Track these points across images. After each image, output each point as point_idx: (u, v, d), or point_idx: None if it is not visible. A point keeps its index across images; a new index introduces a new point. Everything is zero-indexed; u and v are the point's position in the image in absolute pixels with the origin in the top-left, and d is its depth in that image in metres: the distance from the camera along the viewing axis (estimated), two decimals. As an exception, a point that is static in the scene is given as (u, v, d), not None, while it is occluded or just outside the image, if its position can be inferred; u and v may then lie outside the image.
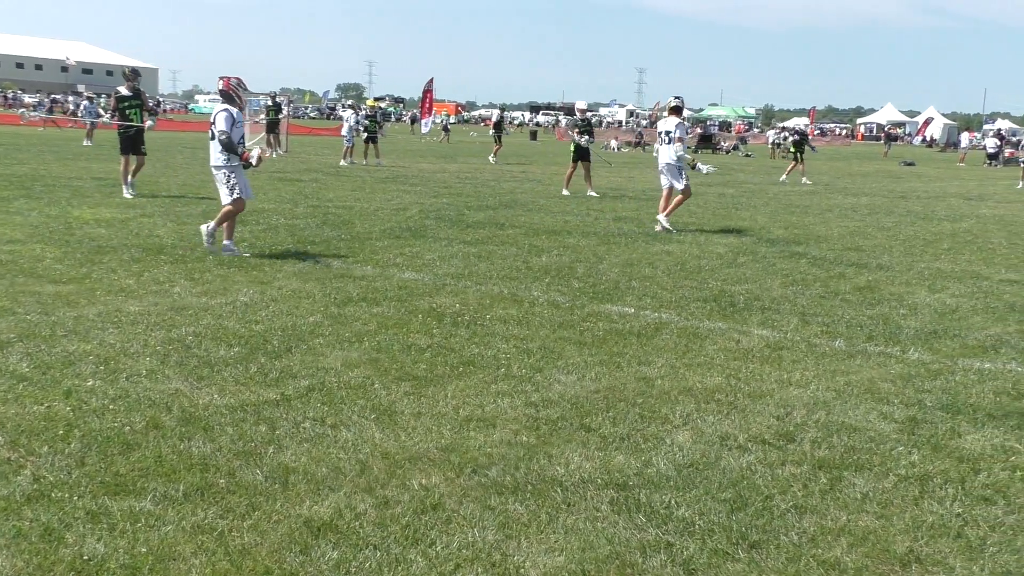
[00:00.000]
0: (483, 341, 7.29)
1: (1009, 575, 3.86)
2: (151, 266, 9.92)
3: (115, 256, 10.43)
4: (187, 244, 11.51)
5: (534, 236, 13.65)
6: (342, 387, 6.00)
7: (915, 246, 14.24)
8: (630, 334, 7.69)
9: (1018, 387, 6.53)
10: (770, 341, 7.62)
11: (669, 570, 3.80)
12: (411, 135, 61.59)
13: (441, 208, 17.23)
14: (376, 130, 31.55)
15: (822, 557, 3.94)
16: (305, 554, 3.82)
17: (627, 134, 65.39)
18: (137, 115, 17.26)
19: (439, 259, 11.19)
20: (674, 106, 15.47)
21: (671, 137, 14.95)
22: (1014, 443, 5.40)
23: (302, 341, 7.08)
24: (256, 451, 4.88)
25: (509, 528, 4.12)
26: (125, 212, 14.55)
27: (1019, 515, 4.44)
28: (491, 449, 5.03)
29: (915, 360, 7.19)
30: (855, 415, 5.82)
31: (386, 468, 4.73)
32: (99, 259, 10.19)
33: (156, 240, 11.79)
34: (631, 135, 63.14)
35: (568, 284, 9.84)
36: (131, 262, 10.09)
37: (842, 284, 10.48)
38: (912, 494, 4.65)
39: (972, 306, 9.43)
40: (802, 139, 31.64)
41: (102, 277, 9.20)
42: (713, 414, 5.74)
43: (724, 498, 4.50)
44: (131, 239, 11.77)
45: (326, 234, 12.95)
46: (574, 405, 5.81)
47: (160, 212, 14.72)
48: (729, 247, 13.26)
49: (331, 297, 8.65)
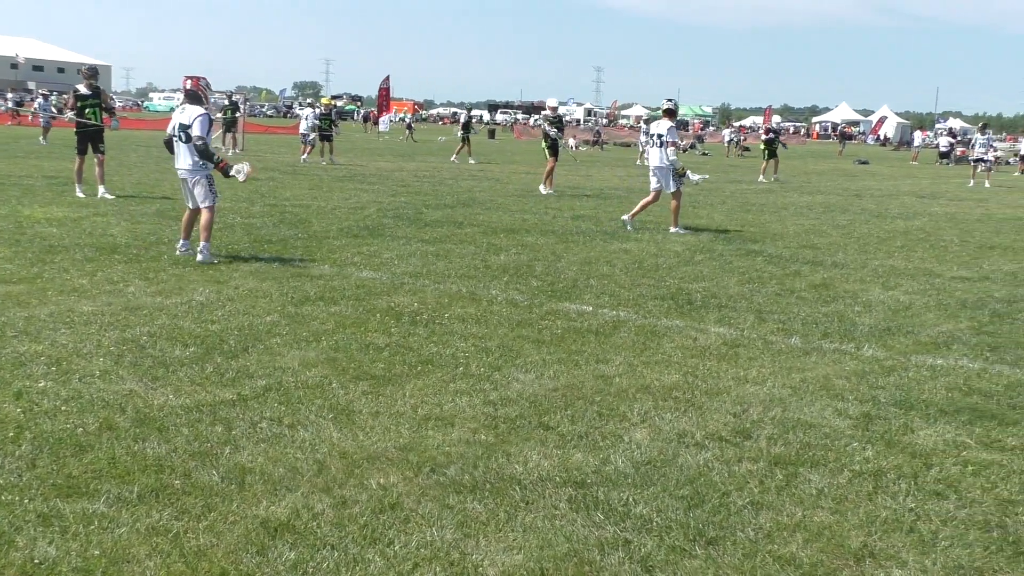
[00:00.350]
0: (441, 340, 7.28)
1: (961, 569, 3.91)
2: (104, 266, 9.79)
3: (67, 255, 10.29)
4: (141, 243, 11.39)
5: (492, 235, 13.65)
6: (299, 387, 5.97)
7: (869, 244, 14.40)
8: (588, 332, 7.71)
9: (969, 383, 6.63)
10: (727, 339, 7.67)
11: (627, 567, 3.81)
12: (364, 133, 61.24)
13: (399, 207, 17.18)
14: (330, 129, 31.38)
15: (778, 553, 3.98)
16: (262, 555, 3.79)
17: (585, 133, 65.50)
18: (95, 114, 16.86)
19: (397, 258, 11.15)
20: (667, 109, 15.48)
21: (663, 140, 14.91)
22: (965, 438, 5.48)
23: (259, 341, 7.03)
24: (212, 452, 4.84)
25: (467, 527, 4.11)
26: (77, 211, 14.36)
27: (970, 509, 4.50)
28: (449, 448, 5.02)
29: (869, 357, 7.27)
30: (811, 412, 5.87)
31: (344, 468, 4.71)
32: (50, 259, 10.05)
33: (110, 239, 11.65)
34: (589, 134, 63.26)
35: (526, 282, 9.85)
36: (84, 261, 9.96)
37: (798, 282, 10.57)
38: (866, 489, 4.70)
39: (925, 303, 9.55)
40: (775, 137, 31.85)
41: (54, 277, 9.07)
42: (671, 411, 5.77)
43: (681, 495, 4.53)
44: (84, 238, 11.62)
45: (283, 233, 12.87)
46: (532, 403, 5.82)
47: (114, 211, 14.54)
48: (686, 245, 13.33)
49: (288, 296, 8.59)
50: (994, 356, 7.41)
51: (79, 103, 16.83)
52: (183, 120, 10.50)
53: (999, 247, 14.58)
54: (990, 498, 4.64)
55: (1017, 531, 4.28)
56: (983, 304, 9.57)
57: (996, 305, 9.54)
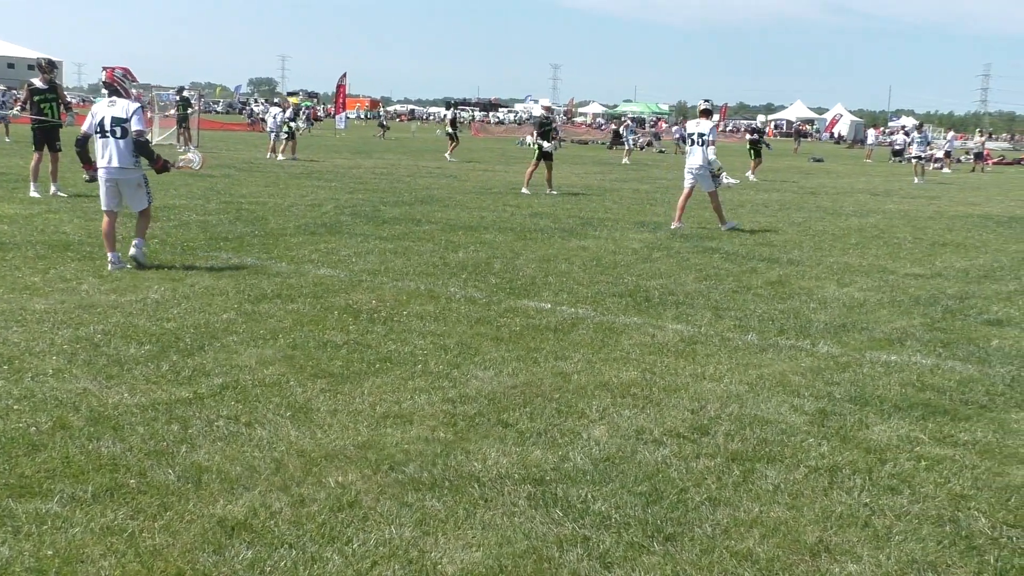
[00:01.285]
0: (400, 337, 7.25)
1: (914, 563, 3.96)
2: (57, 263, 9.66)
3: (19, 253, 10.14)
4: (95, 241, 11.23)
5: (451, 232, 13.62)
6: (257, 385, 5.92)
7: (824, 241, 14.54)
8: (547, 329, 7.72)
9: (923, 379, 6.71)
10: (684, 335, 7.72)
11: (586, 564, 3.82)
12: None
13: (357, 204, 17.10)
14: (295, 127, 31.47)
15: (735, 548, 4.01)
16: (219, 554, 3.76)
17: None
18: (52, 109, 16.29)
19: (355, 255, 11.10)
20: (704, 109, 15.71)
21: (704, 140, 15.07)
22: (919, 434, 5.55)
23: (215, 339, 6.97)
24: (168, 450, 4.79)
25: (426, 524, 4.10)
26: (29, 208, 14.15)
27: (924, 504, 4.56)
28: (408, 446, 5.01)
29: (824, 353, 7.34)
30: (767, 408, 5.92)
31: (302, 466, 4.68)
32: (1, 256, 9.90)
33: (62, 237, 11.49)
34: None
35: (485, 280, 9.84)
36: (36, 259, 9.82)
37: (754, 279, 10.66)
38: (822, 485, 4.75)
39: (879, 300, 9.66)
40: (759, 137, 32.06)
41: (5, 274, 8.93)
42: (629, 408, 5.80)
43: (640, 491, 4.55)
44: (36, 235, 11.45)
45: (239, 230, 12.76)
46: (491, 401, 5.82)
47: (67, 208, 14.35)
48: (644, 243, 13.39)
49: (245, 294, 8.52)
50: (946, 352, 7.52)
51: (34, 97, 16.24)
52: (116, 114, 9.52)
53: (951, 244, 14.78)
54: (943, 493, 4.70)
55: (969, 525, 4.34)
56: (936, 301, 9.70)
57: (948, 302, 9.67)
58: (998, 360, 7.31)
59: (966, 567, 3.95)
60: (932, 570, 3.91)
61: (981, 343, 7.86)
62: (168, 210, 14.55)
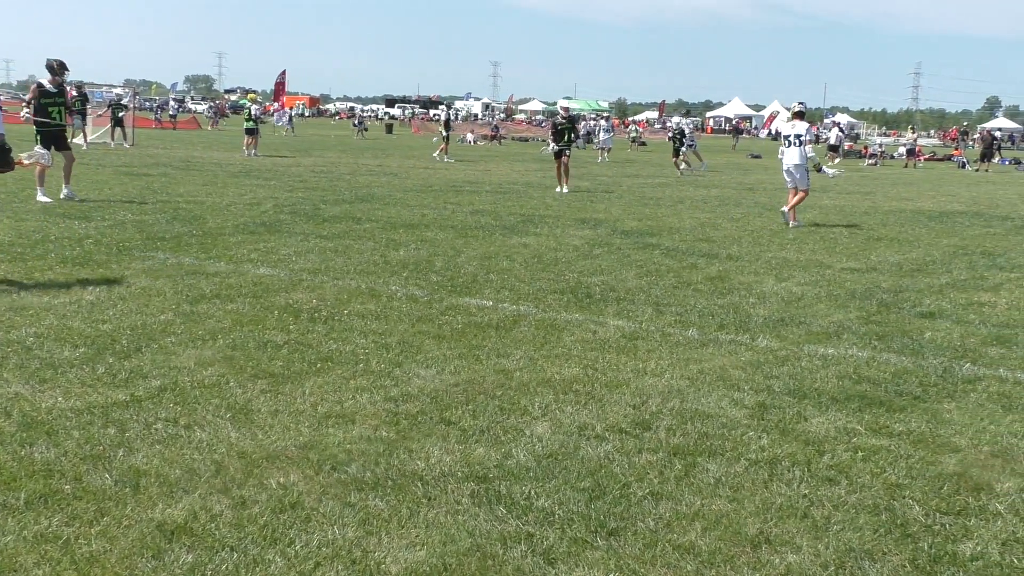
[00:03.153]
0: (341, 337, 7.21)
1: (852, 552, 4.03)
2: (-12, 264, 9.45)
3: (-52, 254, 9.90)
4: (27, 241, 11.02)
5: (391, 230, 13.57)
6: (196, 386, 5.85)
7: (763, 236, 14.72)
8: (489, 327, 7.72)
9: (859, 371, 6.82)
10: (626, 331, 7.76)
11: (529, 560, 3.83)
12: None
13: (296, 202, 16.96)
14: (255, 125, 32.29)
15: (677, 542, 4.04)
16: (158, 559, 3.70)
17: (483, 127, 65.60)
18: (59, 113, 15.71)
19: (295, 254, 11.01)
20: (798, 111, 16.79)
21: (801, 140, 16.18)
22: (855, 425, 5.64)
23: (153, 340, 6.87)
24: (105, 455, 4.71)
25: (369, 524, 4.08)
26: (-41, 208, 13.83)
27: (860, 494, 4.64)
28: (350, 445, 4.98)
29: (764, 347, 7.43)
30: (708, 402, 5.98)
31: (243, 468, 4.63)
32: (-69, 258, 9.66)
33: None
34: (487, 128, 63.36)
35: (426, 278, 9.82)
36: (-34, 260, 9.60)
37: (694, 274, 10.75)
38: (762, 477, 4.80)
39: (816, 294, 9.80)
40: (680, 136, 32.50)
41: (-66, 277, 8.72)
42: (571, 404, 5.82)
43: (583, 487, 4.57)
44: (-34, 236, 11.19)
45: (177, 230, 12.59)
46: (434, 399, 5.80)
47: (-3, 208, 14.04)
48: (585, 239, 13.45)
49: (183, 294, 8.41)
50: (881, 345, 7.65)
51: (43, 100, 15.53)
52: None
53: (885, 239, 15.04)
54: (879, 482, 4.79)
55: (904, 514, 4.42)
56: (871, 294, 9.86)
57: (883, 295, 9.84)
58: (931, 352, 7.46)
59: (901, 554, 4.02)
60: (869, 558, 3.97)
61: (914, 335, 8.00)
62: (103, 209, 14.32)
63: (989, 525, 4.34)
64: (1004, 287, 10.64)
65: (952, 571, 3.90)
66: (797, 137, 16.26)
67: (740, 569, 3.84)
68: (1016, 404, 6.18)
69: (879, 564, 3.93)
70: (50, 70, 15.80)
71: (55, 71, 15.78)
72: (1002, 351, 7.58)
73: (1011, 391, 6.47)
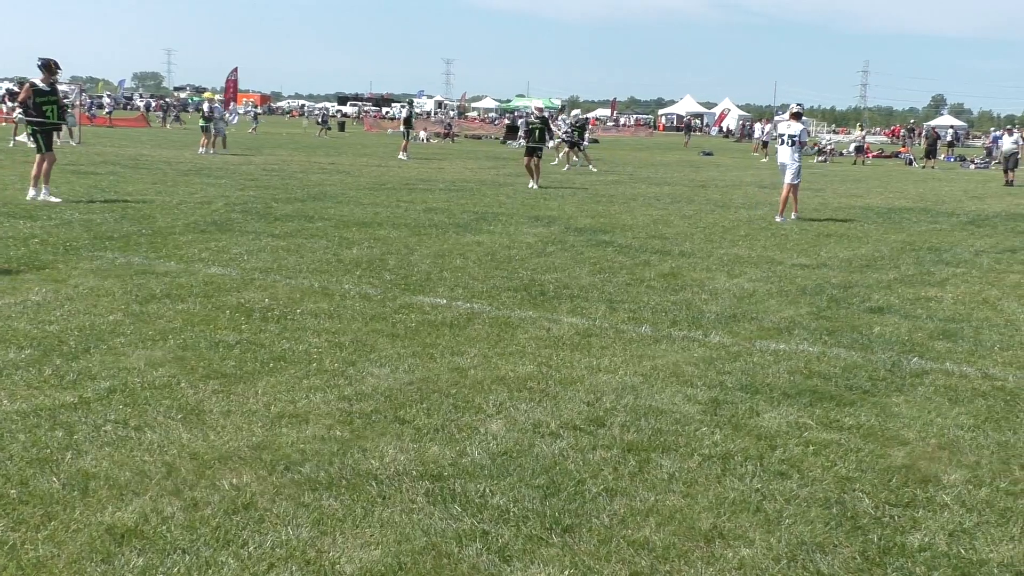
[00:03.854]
0: (294, 336, 7.16)
1: (804, 545, 4.07)
2: (-69, 265, 9.27)
3: None
4: (-28, 241, 10.82)
5: (344, 228, 13.50)
6: (146, 387, 5.78)
7: (715, 233, 14.83)
8: (443, 325, 7.71)
9: (810, 366, 6.90)
10: (579, 328, 7.78)
11: (485, 558, 3.83)
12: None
13: (247, 201, 16.81)
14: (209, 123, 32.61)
15: (632, 537, 4.06)
16: (107, 563, 3.65)
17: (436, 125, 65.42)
18: (54, 111, 15.51)
19: (246, 253, 10.91)
20: (795, 112, 17.92)
21: (794, 140, 17.24)
22: (807, 420, 5.70)
23: (101, 341, 6.77)
24: (52, 458, 4.64)
25: (324, 524, 4.06)
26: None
27: (812, 488, 4.69)
28: (304, 445, 4.95)
29: (716, 343, 7.49)
30: (661, 398, 6.01)
31: (194, 469, 4.58)
32: None
33: (-64, 237, 11.02)
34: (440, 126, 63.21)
35: (380, 276, 9.78)
36: (-92, 261, 9.41)
37: (647, 271, 10.81)
38: (715, 472, 4.84)
39: (768, 290, 9.90)
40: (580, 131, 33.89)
41: None
42: (526, 402, 5.82)
43: (537, 484, 4.57)
44: (-92, 237, 10.97)
45: (125, 229, 12.42)
46: (388, 398, 5.78)
47: (-60, 207, 13.78)
48: (538, 237, 13.47)
49: (132, 294, 8.31)
50: (832, 340, 7.74)
51: (37, 99, 15.31)
52: None
53: (835, 235, 15.22)
54: (830, 476, 4.84)
55: (855, 506, 4.48)
56: (821, 290, 9.98)
57: (833, 291, 9.96)
58: (880, 346, 7.56)
59: (852, 546, 4.07)
60: (820, 551, 4.02)
61: (864, 330, 8.11)
62: (49, 208, 14.10)
63: (936, 516, 4.41)
64: (950, 282, 10.82)
65: (901, 562, 3.95)
66: (791, 137, 17.25)
67: (694, 564, 3.86)
68: (962, 397, 6.29)
69: (830, 556, 3.98)
70: (45, 69, 15.59)
71: (50, 70, 15.62)
72: (948, 345, 7.71)
73: (957, 384, 6.58)
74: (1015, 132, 35.08)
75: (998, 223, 18.19)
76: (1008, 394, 6.39)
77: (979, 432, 5.59)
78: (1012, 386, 6.58)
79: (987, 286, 10.62)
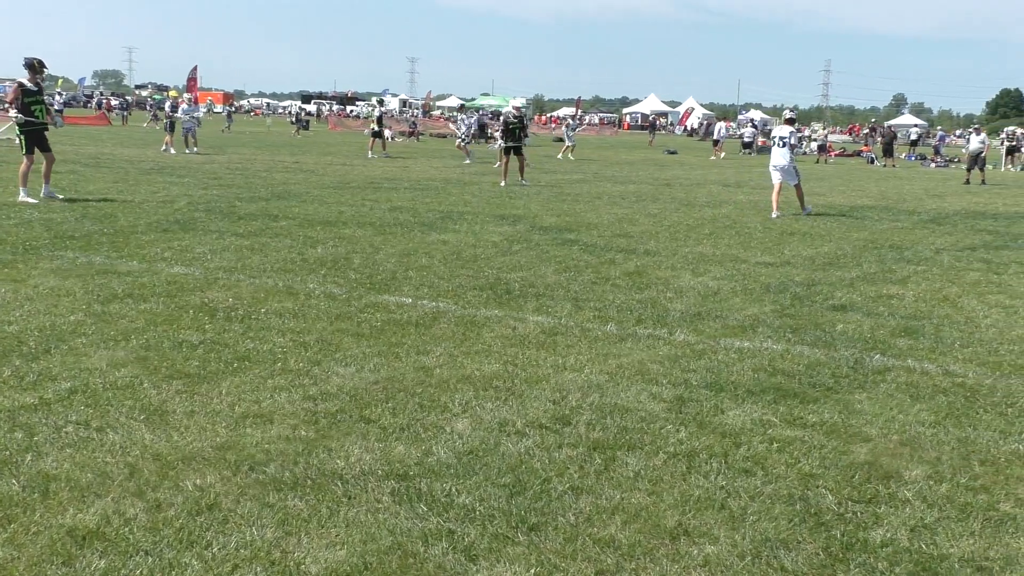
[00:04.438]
0: (258, 335, 7.12)
1: (768, 542, 4.10)
2: None
3: None
4: (-71, 241, 10.66)
5: (309, 227, 13.43)
6: (108, 388, 5.72)
7: (679, 232, 14.90)
8: (408, 324, 7.69)
9: (774, 364, 6.95)
10: (545, 327, 7.79)
11: (451, 557, 3.83)
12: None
13: (211, 200, 16.69)
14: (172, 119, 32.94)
15: (597, 535, 4.07)
16: (69, 565, 3.61)
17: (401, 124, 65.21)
18: (41, 111, 15.32)
19: (210, 252, 10.83)
20: (788, 118, 19.36)
21: (786, 142, 18.43)
22: (771, 417, 5.74)
23: (62, 341, 6.70)
24: (11, 460, 4.58)
25: (289, 524, 4.04)
26: None
27: (776, 484, 4.73)
28: (269, 445, 4.92)
29: (681, 341, 7.52)
30: (627, 396, 6.03)
31: (158, 470, 4.55)
32: None
33: None
34: (405, 125, 63.01)
35: (344, 275, 9.74)
36: None
37: (612, 270, 10.84)
38: (680, 470, 4.86)
39: (732, 288, 9.95)
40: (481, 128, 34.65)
41: None
42: (491, 401, 5.82)
43: (503, 483, 4.58)
44: None
45: (87, 228, 12.29)
46: (353, 397, 5.76)
47: None
48: (504, 235, 13.47)
49: (94, 294, 8.22)
50: (795, 337, 7.80)
51: (26, 99, 15.12)
52: None
53: (798, 233, 15.34)
54: (793, 473, 4.88)
55: (818, 503, 4.52)
56: (785, 288, 10.05)
57: (796, 289, 10.04)
58: (842, 344, 7.62)
59: (815, 543, 4.11)
60: (784, 547, 4.05)
61: (827, 328, 8.18)
62: (8, 207, 13.93)
63: (898, 512, 4.46)
64: (911, 280, 10.93)
65: (863, 558, 3.99)
66: (783, 140, 18.49)
67: (659, 561, 3.88)
68: (923, 393, 6.36)
69: (794, 553, 4.01)
70: (30, 68, 15.38)
71: (35, 69, 15.42)
72: (910, 342, 7.79)
73: (919, 381, 6.65)
74: (982, 132, 35.44)
75: (958, 221, 18.40)
76: (968, 390, 6.46)
77: (940, 428, 5.65)
78: (972, 382, 6.66)
79: (947, 284, 10.75)
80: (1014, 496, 4.70)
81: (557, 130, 65.12)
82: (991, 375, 6.88)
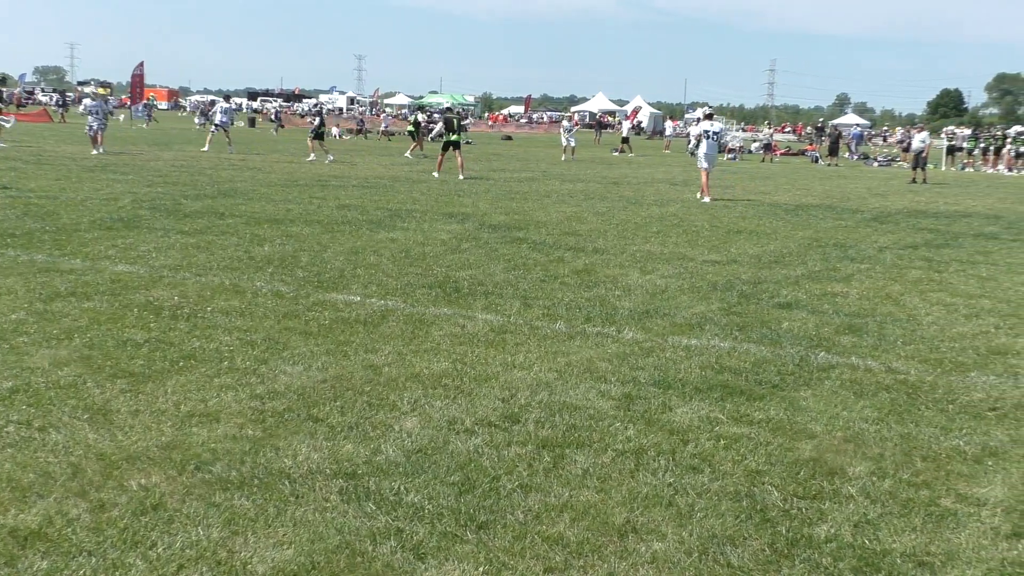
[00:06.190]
0: (204, 334, 7.04)
1: (715, 538, 4.14)
2: None
3: None
4: None
5: (256, 225, 13.32)
6: (50, 387, 5.63)
7: (627, 230, 14.97)
8: (356, 322, 7.65)
9: (721, 361, 7.02)
10: (494, 325, 7.80)
11: (399, 556, 3.82)
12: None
13: (156, 197, 16.48)
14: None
15: (546, 533, 4.09)
16: (11, 566, 3.56)
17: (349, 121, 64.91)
18: None
19: (155, 250, 10.70)
20: (708, 113, 24.03)
21: (714, 135, 22.13)
22: (718, 414, 5.80)
23: (4, 340, 6.58)
24: (-49, 461, 4.49)
25: (235, 524, 4.01)
26: None
27: (723, 481, 4.78)
28: (215, 444, 4.87)
29: (629, 339, 7.57)
30: (576, 394, 6.06)
31: (101, 470, 4.49)
32: None
33: None
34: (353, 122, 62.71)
35: (292, 273, 9.67)
36: None
37: (561, 268, 10.87)
38: (628, 467, 4.90)
39: (679, 286, 10.03)
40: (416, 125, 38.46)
41: None
42: (440, 399, 5.82)
43: (452, 481, 4.57)
44: None
45: (28, 226, 12.08)
46: (301, 396, 5.73)
47: None
48: (452, 234, 13.45)
49: (36, 293, 8.08)
50: (742, 335, 7.88)
51: None
52: None
53: (744, 231, 15.49)
54: (740, 470, 4.93)
55: (764, 499, 4.57)
56: (731, 286, 10.14)
57: (743, 287, 10.14)
58: (788, 341, 7.72)
59: (761, 539, 4.16)
60: (731, 543, 4.09)
61: (773, 325, 8.27)
62: (-53, 204, 13.65)
63: (842, 508, 4.53)
64: (855, 278, 11.09)
65: (808, 554, 4.05)
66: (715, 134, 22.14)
67: (608, 558, 3.91)
68: (867, 390, 6.45)
69: (740, 549, 4.05)
70: None
71: None
72: (854, 339, 7.90)
73: (862, 378, 6.75)
74: (924, 131, 35.95)
75: (900, 220, 18.70)
76: (910, 387, 6.58)
77: (883, 425, 5.75)
78: (914, 379, 6.77)
79: (890, 282, 10.92)
80: (955, 491, 4.79)
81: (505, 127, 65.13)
82: (932, 372, 7.00)
